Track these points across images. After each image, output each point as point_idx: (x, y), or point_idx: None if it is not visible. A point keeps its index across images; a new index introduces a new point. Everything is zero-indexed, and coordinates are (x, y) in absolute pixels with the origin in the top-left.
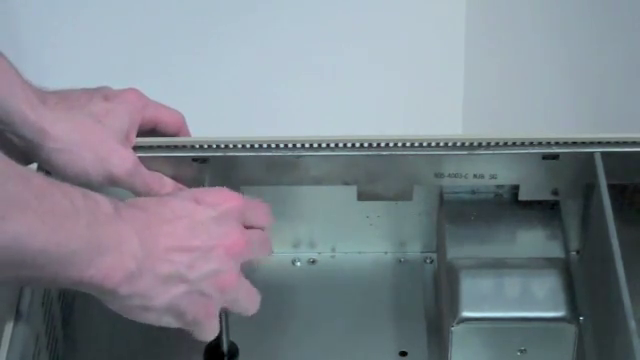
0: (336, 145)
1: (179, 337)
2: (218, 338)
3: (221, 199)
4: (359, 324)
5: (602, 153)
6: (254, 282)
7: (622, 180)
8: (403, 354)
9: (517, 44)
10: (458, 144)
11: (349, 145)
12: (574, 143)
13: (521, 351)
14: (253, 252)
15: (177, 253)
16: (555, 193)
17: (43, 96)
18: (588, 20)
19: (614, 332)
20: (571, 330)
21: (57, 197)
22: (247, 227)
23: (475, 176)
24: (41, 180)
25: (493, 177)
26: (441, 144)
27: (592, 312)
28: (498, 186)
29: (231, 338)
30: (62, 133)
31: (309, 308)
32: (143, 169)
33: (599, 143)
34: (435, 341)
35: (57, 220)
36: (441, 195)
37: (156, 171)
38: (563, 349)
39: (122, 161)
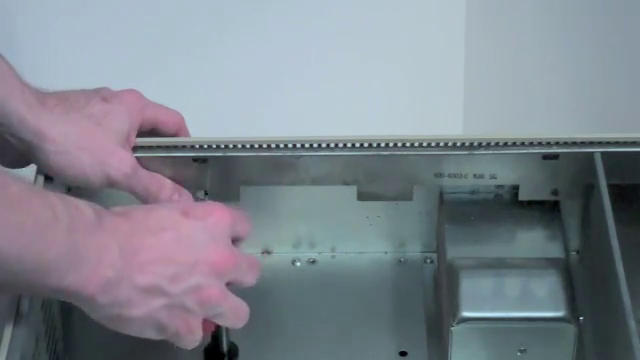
0: (336, 145)
1: None
2: (218, 338)
3: (210, 212)
4: (359, 324)
5: (602, 153)
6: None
7: (622, 180)
8: (403, 354)
9: (517, 44)
10: (458, 144)
11: (349, 145)
12: (574, 143)
13: (521, 351)
14: (241, 273)
15: (159, 265)
16: (555, 193)
17: (42, 98)
18: (588, 20)
19: (614, 332)
20: (571, 330)
21: (35, 205)
22: (235, 240)
23: (475, 176)
24: (19, 188)
25: (493, 177)
26: (441, 144)
27: (592, 312)
28: (498, 186)
29: (231, 338)
30: (60, 135)
31: (309, 308)
32: (142, 171)
33: (599, 143)
34: (435, 341)
35: (36, 228)
36: (441, 195)
37: (155, 172)
38: (563, 349)
39: (121, 164)
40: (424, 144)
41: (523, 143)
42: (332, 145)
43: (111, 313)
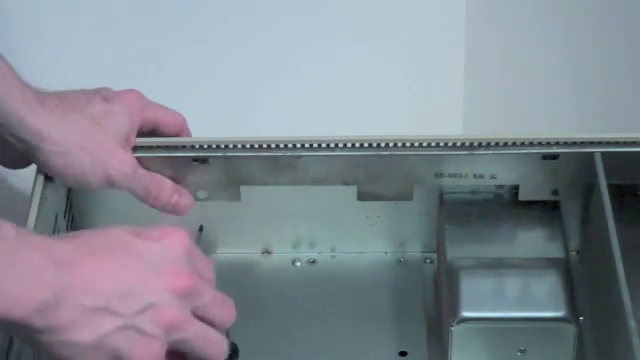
0: (336, 145)
1: None
2: None
3: (165, 234)
4: (359, 324)
5: (602, 153)
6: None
7: (622, 180)
8: (403, 354)
9: (517, 44)
10: (458, 144)
11: (349, 145)
12: (574, 143)
13: (521, 351)
14: (207, 304)
15: (105, 283)
16: (555, 193)
17: (41, 98)
18: (588, 20)
19: (614, 332)
20: (571, 330)
21: None
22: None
23: (475, 176)
24: None
25: (493, 177)
26: (441, 144)
27: (592, 312)
28: (498, 186)
29: (231, 338)
30: (60, 136)
31: (309, 308)
32: (142, 171)
33: (599, 143)
34: (435, 341)
35: None
36: (441, 195)
37: (155, 172)
38: (563, 349)
39: (121, 164)
40: (424, 144)
41: (523, 143)
42: (332, 145)
43: (56, 340)
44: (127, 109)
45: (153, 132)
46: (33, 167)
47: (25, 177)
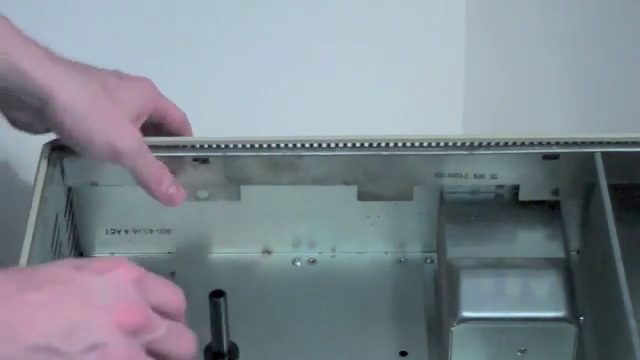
0: (336, 145)
1: None
2: (218, 338)
3: (110, 266)
4: (359, 324)
5: (602, 153)
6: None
7: (622, 180)
8: (403, 354)
9: (517, 44)
10: (458, 144)
11: (349, 145)
12: (574, 143)
13: (521, 351)
14: (162, 337)
15: (47, 321)
16: (555, 193)
17: (52, 56)
18: (589, 20)
19: (614, 332)
20: (571, 330)
21: None
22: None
23: (475, 176)
24: None
25: (493, 177)
26: (441, 144)
27: (592, 312)
28: (498, 186)
29: (231, 338)
30: (71, 93)
31: (309, 308)
32: (149, 153)
33: (599, 143)
34: (435, 341)
35: None
36: (441, 195)
37: None
38: (563, 349)
39: (128, 137)
40: (424, 144)
41: (523, 143)
42: (332, 145)
43: None
44: (141, 92)
45: (158, 126)
46: (33, 167)
47: (25, 177)
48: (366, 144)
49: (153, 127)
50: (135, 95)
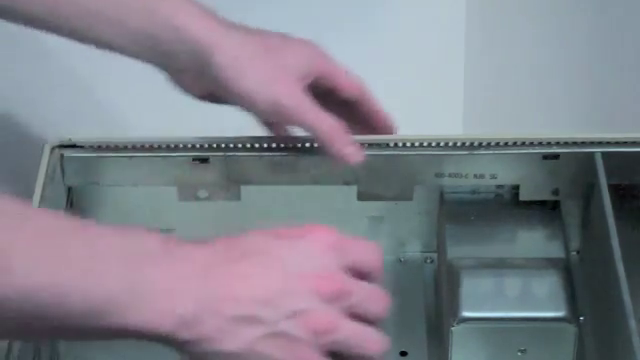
0: None
1: None
2: None
3: (307, 231)
4: None
5: (602, 153)
6: None
7: (622, 180)
8: (403, 354)
9: (517, 44)
10: (458, 144)
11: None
12: (574, 143)
13: (521, 351)
14: (358, 301)
15: (248, 291)
16: (555, 193)
17: (212, 16)
18: (588, 20)
19: (614, 332)
20: (571, 330)
21: (76, 241)
22: (359, 273)
23: (475, 176)
24: (51, 223)
25: (493, 177)
26: (441, 144)
27: (592, 312)
28: (498, 186)
29: None
30: (230, 50)
31: None
32: (316, 108)
33: (599, 143)
34: (435, 341)
35: (80, 266)
36: (441, 195)
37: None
38: (563, 349)
39: (290, 91)
40: (424, 144)
41: (523, 143)
42: None
43: (203, 350)
44: (305, 53)
45: (329, 97)
46: (34, 167)
47: (26, 177)
48: (366, 144)
49: (323, 97)
50: (298, 55)
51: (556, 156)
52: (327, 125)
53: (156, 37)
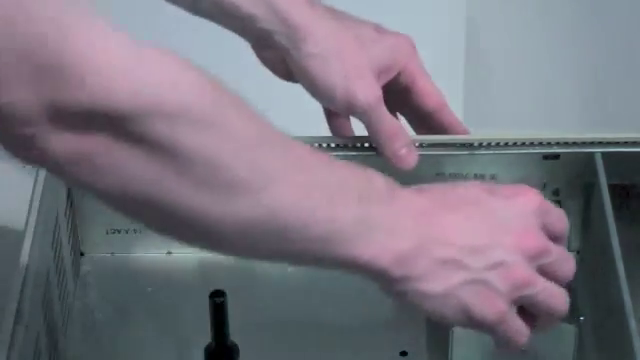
0: (337, 145)
1: (181, 337)
2: (219, 338)
3: (518, 192)
4: (359, 324)
5: (602, 153)
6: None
7: (622, 180)
8: (403, 354)
9: (518, 44)
10: (459, 144)
11: (349, 145)
12: (574, 143)
13: (521, 351)
14: (553, 262)
15: (458, 237)
16: (555, 193)
17: (312, 2)
18: (589, 20)
19: (614, 332)
20: (571, 330)
21: (323, 171)
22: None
23: (476, 176)
24: (305, 151)
25: (494, 177)
26: (442, 144)
27: (592, 312)
28: None
29: (231, 338)
30: (320, 36)
31: (309, 308)
32: (385, 110)
33: (599, 143)
34: (435, 341)
35: (325, 194)
36: None
37: None
38: (563, 349)
39: (366, 88)
40: (424, 144)
41: (523, 143)
42: (333, 145)
43: (406, 288)
44: (394, 46)
45: (404, 95)
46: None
47: (26, 177)
48: (366, 144)
49: (398, 95)
50: (387, 48)
51: (556, 156)
52: (389, 124)
53: (254, 17)
